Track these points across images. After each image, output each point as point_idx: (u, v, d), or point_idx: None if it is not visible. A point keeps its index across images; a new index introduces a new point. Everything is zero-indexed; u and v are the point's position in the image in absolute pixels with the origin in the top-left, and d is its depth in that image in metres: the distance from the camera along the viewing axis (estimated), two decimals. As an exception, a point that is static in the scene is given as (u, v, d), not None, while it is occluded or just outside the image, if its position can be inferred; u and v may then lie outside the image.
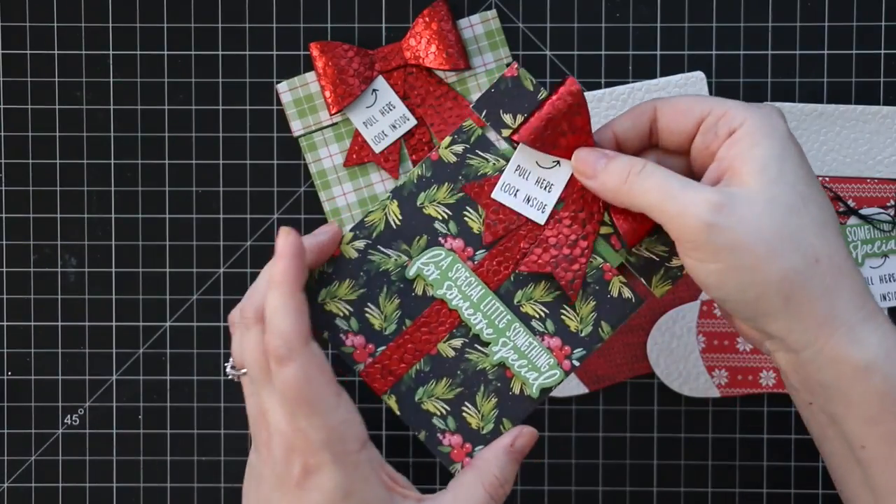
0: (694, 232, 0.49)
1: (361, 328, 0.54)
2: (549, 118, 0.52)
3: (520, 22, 0.70)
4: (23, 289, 0.71)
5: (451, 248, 0.54)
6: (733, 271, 0.49)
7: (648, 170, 0.50)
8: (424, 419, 0.54)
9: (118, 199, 0.71)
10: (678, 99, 0.53)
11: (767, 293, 0.49)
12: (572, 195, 0.54)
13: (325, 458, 0.50)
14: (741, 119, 0.51)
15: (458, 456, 0.54)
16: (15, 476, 0.72)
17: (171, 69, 0.71)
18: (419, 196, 0.54)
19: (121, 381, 0.71)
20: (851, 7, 0.70)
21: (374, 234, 0.54)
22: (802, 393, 0.52)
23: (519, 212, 0.54)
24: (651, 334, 0.70)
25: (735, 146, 0.50)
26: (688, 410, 0.71)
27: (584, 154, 0.52)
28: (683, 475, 0.71)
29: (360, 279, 0.54)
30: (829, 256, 0.49)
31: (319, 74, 0.69)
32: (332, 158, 0.70)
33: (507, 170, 0.54)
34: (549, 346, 0.54)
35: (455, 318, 0.54)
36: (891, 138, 0.69)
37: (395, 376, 0.54)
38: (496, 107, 0.54)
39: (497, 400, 0.54)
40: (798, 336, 0.49)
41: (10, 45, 0.71)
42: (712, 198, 0.48)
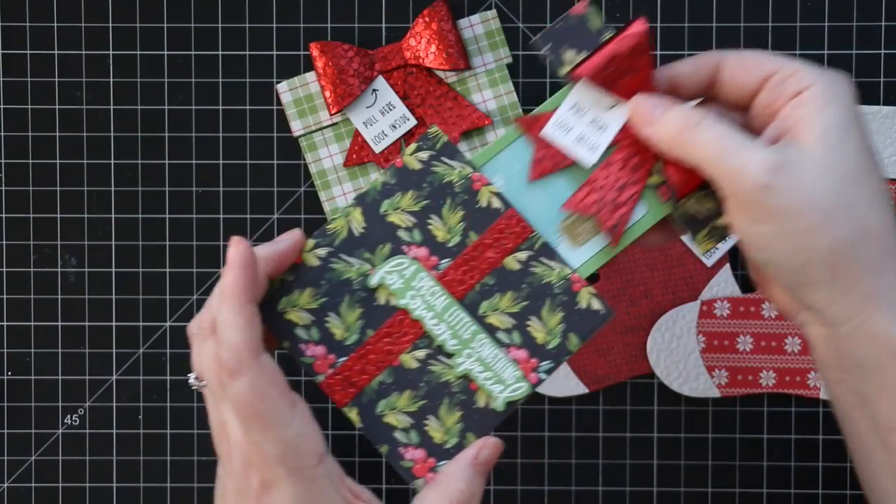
0: (748, 191, 0.48)
1: (322, 338, 0.52)
2: (613, 56, 0.50)
3: (520, 22, 0.70)
4: (23, 289, 0.71)
5: (415, 256, 0.52)
6: (783, 235, 0.48)
7: (706, 123, 0.49)
8: (386, 433, 0.52)
9: (118, 199, 0.71)
10: (746, 53, 0.52)
11: (814, 261, 0.48)
12: (626, 140, 0.52)
13: (280, 472, 0.48)
14: (810, 81, 0.49)
15: (420, 471, 0.52)
16: (15, 476, 0.72)
17: (171, 69, 0.71)
18: (383, 203, 0.53)
19: (121, 381, 0.71)
20: (851, 7, 0.70)
21: (337, 242, 0.53)
22: (832, 370, 0.51)
23: (569, 150, 0.52)
24: (651, 334, 0.70)
25: (800, 108, 0.49)
26: (688, 410, 0.71)
27: (642, 101, 0.51)
28: (683, 475, 0.71)
29: (321, 288, 0.52)
30: (881, 231, 0.48)
31: (319, 74, 0.69)
32: (332, 158, 0.70)
33: (563, 106, 0.52)
34: (516, 359, 0.52)
35: (418, 328, 0.52)
36: (891, 138, 0.69)
37: (357, 388, 0.52)
38: (559, 42, 0.52)
39: (461, 413, 0.52)
40: (839, 309, 0.48)
41: (10, 45, 0.71)
42: (770, 158, 0.47)
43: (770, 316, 0.70)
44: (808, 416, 0.70)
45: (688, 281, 0.70)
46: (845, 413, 0.52)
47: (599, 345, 0.70)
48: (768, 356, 0.70)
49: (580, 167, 0.53)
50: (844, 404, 0.51)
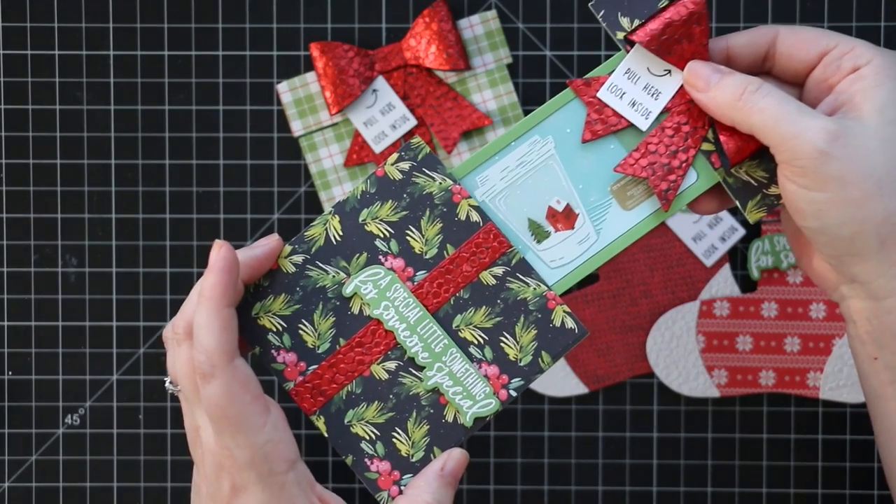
0: (806, 157, 0.48)
1: (294, 345, 0.52)
2: (669, 23, 0.51)
3: (520, 22, 0.70)
4: (23, 289, 0.71)
5: (391, 267, 0.52)
6: (837, 203, 0.48)
7: (765, 89, 0.50)
8: (353, 443, 0.52)
9: (118, 199, 0.71)
10: (803, 28, 0.53)
11: (865, 231, 0.48)
12: (679, 106, 0.52)
13: (250, 477, 0.48)
14: (868, 57, 0.50)
15: (385, 483, 0.52)
16: (15, 476, 0.72)
17: (171, 69, 0.71)
18: (362, 212, 0.52)
19: (121, 381, 0.72)
20: (851, 7, 0.70)
21: (314, 249, 0.52)
22: (869, 346, 0.51)
23: (622, 114, 0.53)
24: (651, 334, 0.70)
25: (858, 82, 0.50)
26: (687, 410, 0.71)
27: (698, 66, 0.51)
28: (683, 475, 0.71)
29: (295, 294, 0.52)
30: None
31: (319, 75, 0.69)
32: (332, 158, 0.70)
33: (617, 71, 0.53)
34: (486, 374, 0.52)
35: (391, 339, 0.52)
36: (890, 138, 0.69)
37: (326, 397, 0.52)
38: (615, 8, 0.52)
39: (429, 427, 0.52)
40: (885, 282, 0.49)
41: (10, 45, 0.71)
42: (829, 126, 0.48)
43: (770, 316, 0.70)
44: (807, 416, 0.71)
45: (688, 281, 0.70)
46: (877, 391, 0.52)
47: (599, 345, 0.70)
48: (768, 356, 0.70)
49: (633, 132, 0.53)
50: (877, 382, 0.51)
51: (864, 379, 0.53)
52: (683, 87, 0.52)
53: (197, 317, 0.49)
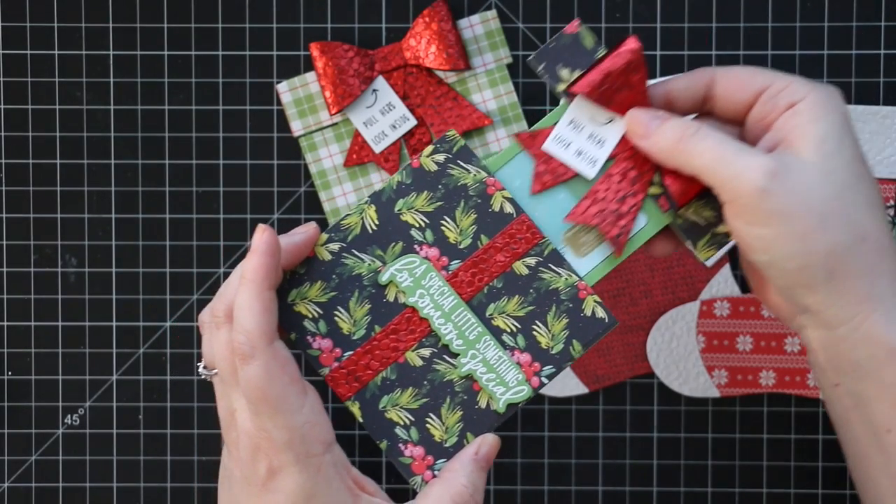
0: (747, 196, 0.49)
1: (330, 331, 0.53)
2: (608, 73, 0.52)
3: (520, 22, 0.70)
4: (23, 289, 0.71)
5: (426, 256, 0.53)
6: (782, 238, 0.49)
7: (703, 132, 0.50)
8: (387, 428, 0.53)
9: (118, 199, 0.71)
10: (739, 68, 0.53)
11: (812, 264, 0.49)
12: (624, 152, 0.53)
13: (287, 459, 0.49)
14: (804, 93, 0.51)
15: (418, 468, 0.53)
16: (15, 476, 0.72)
17: (171, 69, 0.71)
18: (397, 202, 0.54)
19: (121, 381, 0.72)
20: (851, 7, 0.70)
21: (350, 238, 0.53)
22: (829, 373, 0.51)
23: (569, 164, 0.54)
24: (651, 334, 0.70)
25: (795, 118, 0.50)
26: (688, 410, 0.71)
27: (638, 114, 0.52)
28: (683, 475, 0.71)
29: (331, 282, 0.53)
30: (876, 236, 0.49)
31: (319, 74, 0.69)
32: (332, 158, 0.70)
33: (561, 122, 0.54)
34: (519, 362, 0.53)
35: (425, 327, 0.53)
36: (891, 138, 0.69)
37: (361, 383, 0.53)
38: (554, 61, 0.53)
39: (462, 413, 0.53)
40: (836, 311, 0.49)
41: (10, 45, 0.71)
42: (768, 163, 0.49)
43: (770, 316, 0.70)
44: (807, 416, 0.70)
45: (688, 281, 0.70)
46: (842, 416, 0.52)
47: (599, 345, 0.70)
48: (768, 356, 0.70)
49: (581, 180, 0.54)
50: (841, 408, 0.52)
51: (829, 405, 0.53)
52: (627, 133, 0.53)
53: (238, 298, 0.50)
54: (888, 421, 0.50)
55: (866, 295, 0.49)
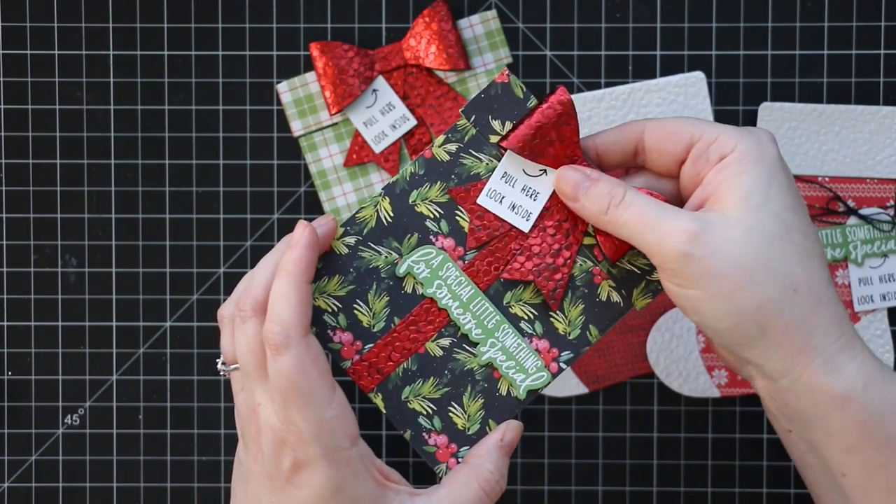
0: (671, 261, 0.49)
1: (350, 325, 0.54)
2: (538, 126, 0.52)
3: (520, 22, 0.70)
4: (23, 289, 0.71)
5: (442, 246, 0.54)
6: (710, 299, 0.49)
7: (628, 199, 0.50)
8: (410, 418, 0.54)
9: (118, 199, 0.71)
10: (667, 121, 0.53)
11: (743, 322, 0.49)
12: (557, 204, 0.53)
13: (315, 452, 0.50)
14: (732, 144, 0.50)
15: (443, 456, 0.54)
16: (15, 476, 0.72)
17: (171, 69, 0.71)
18: (411, 194, 0.54)
19: (121, 381, 0.71)
20: (851, 7, 0.70)
21: (366, 231, 0.54)
22: (781, 420, 0.52)
23: (504, 218, 0.54)
24: (651, 334, 0.70)
25: (722, 172, 0.50)
26: (688, 410, 0.71)
27: (567, 174, 0.52)
28: (683, 475, 0.71)
29: (349, 275, 0.54)
30: (809, 286, 0.49)
31: (319, 74, 0.69)
32: (332, 158, 0.70)
33: (494, 177, 0.54)
34: (537, 348, 0.54)
35: (444, 317, 0.54)
36: (891, 138, 0.69)
37: (383, 374, 0.54)
38: (485, 112, 0.53)
39: (484, 401, 0.54)
40: (775, 364, 0.49)
41: (10, 45, 0.71)
42: (689, 227, 0.48)
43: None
44: (807, 416, 0.71)
45: (688, 281, 0.70)
46: (801, 461, 0.53)
47: (599, 345, 0.70)
48: (768, 356, 0.70)
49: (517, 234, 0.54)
50: (798, 453, 0.52)
51: (787, 448, 0.53)
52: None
53: (276, 289, 0.50)
54: (841, 466, 0.50)
55: (803, 346, 0.49)
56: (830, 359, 0.49)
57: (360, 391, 0.58)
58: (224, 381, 0.71)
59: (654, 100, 0.69)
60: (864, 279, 0.69)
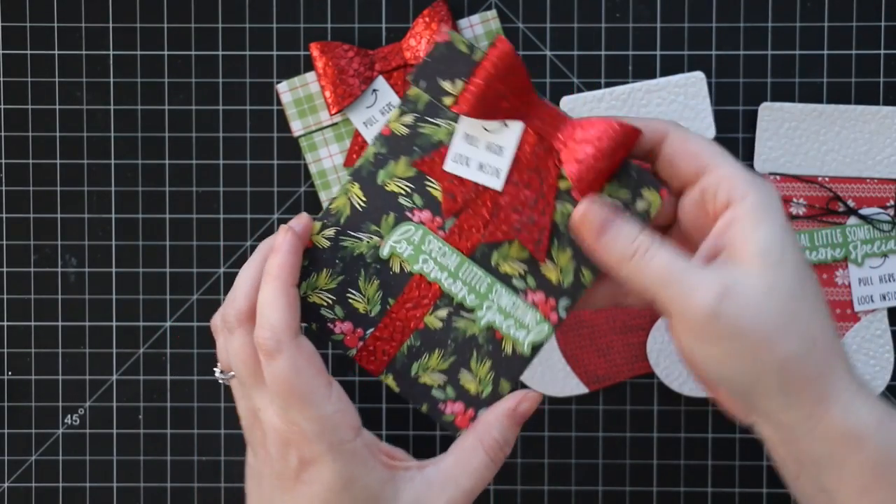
0: (696, 318, 0.48)
1: (347, 314, 0.54)
2: (485, 85, 0.51)
3: (520, 22, 0.70)
4: (23, 289, 0.71)
5: (420, 220, 0.53)
6: (733, 355, 0.48)
7: (653, 250, 0.49)
8: (424, 392, 0.54)
9: (118, 199, 0.71)
10: (691, 138, 0.52)
11: (764, 378, 0.48)
12: (525, 155, 0.52)
13: (321, 448, 0.50)
14: (742, 193, 0.50)
15: (462, 422, 0.54)
16: (15, 476, 0.72)
17: (171, 69, 0.71)
18: (378, 174, 0.53)
19: (121, 381, 0.71)
20: (851, 7, 0.70)
21: (342, 220, 0.54)
22: (790, 465, 0.51)
23: (474, 181, 0.53)
24: (651, 334, 0.70)
25: (736, 225, 0.49)
26: (688, 410, 0.71)
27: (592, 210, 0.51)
28: (683, 475, 0.71)
29: (336, 267, 0.54)
30: (825, 338, 0.49)
31: (319, 74, 0.69)
32: (332, 158, 0.70)
33: (455, 140, 0.53)
34: (534, 302, 0.53)
35: (436, 289, 0.54)
36: (891, 138, 0.69)
37: (389, 355, 0.54)
38: (434, 75, 0.52)
39: (491, 362, 0.54)
40: (792, 414, 0.49)
41: (10, 45, 0.71)
42: (716, 284, 0.48)
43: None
44: (807, 416, 0.70)
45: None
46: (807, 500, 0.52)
47: (599, 345, 0.70)
48: (768, 356, 0.70)
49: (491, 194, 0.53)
50: (805, 495, 0.52)
51: (794, 490, 0.53)
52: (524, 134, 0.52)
53: (263, 295, 0.51)
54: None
55: (820, 396, 0.48)
56: (847, 404, 0.49)
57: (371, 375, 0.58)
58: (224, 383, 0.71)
59: (654, 100, 0.69)
60: (864, 279, 0.69)
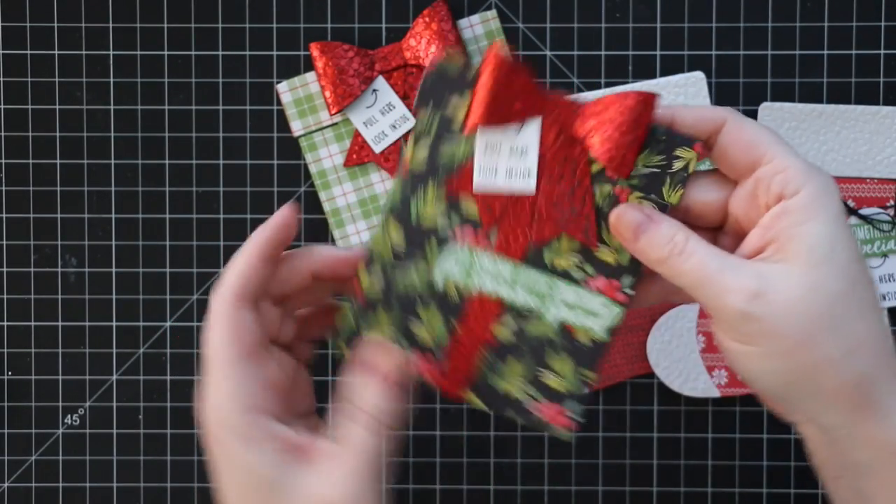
0: (729, 318, 0.47)
1: (418, 347, 0.53)
2: (490, 98, 0.50)
3: (520, 22, 0.70)
4: (23, 289, 0.71)
5: (464, 239, 0.53)
6: (767, 356, 0.47)
7: (690, 248, 0.49)
8: (510, 401, 0.53)
9: (118, 199, 0.71)
10: (748, 126, 0.50)
11: (798, 380, 0.47)
12: (550, 149, 0.52)
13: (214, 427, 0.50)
14: (798, 185, 0.48)
15: (556, 420, 0.53)
16: (15, 476, 0.72)
17: (171, 69, 0.71)
18: (412, 204, 0.53)
19: (121, 381, 0.71)
20: (851, 7, 0.70)
21: (387, 258, 0.53)
22: (830, 467, 0.50)
23: (507, 188, 0.52)
24: (651, 334, 0.70)
25: (786, 217, 0.48)
26: (688, 410, 0.71)
27: (628, 216, 0.50)
28: (683, 475, 0.71)
29: (393, 304, 0.53)
30: (871, 341, 0.48)
31: (319, 74, 0.69)
32: (332, 158, 0.70)
33: (477, 154, 0.52)
34: (598, 288, 0.52)
35: (498, 301, 0.53)
36: (891, 138, 0.69)
37: (467, 377, 0.53)
38: (440, 94, 0.52)
39: (571, 357, 0.53)
40: (829, 418, 0.48)
41: (10, 45, 0.71)
42: (749, 284, 0.47)
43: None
44: (807, 416, 0.71)
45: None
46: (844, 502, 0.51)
47: (599, 345, 0.70)
48: (768, 356, 0.70)
49: None
50: (842, 500, 0.51)
51: (830, 492, 0.52)
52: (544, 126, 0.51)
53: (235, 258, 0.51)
54: None
55: (860, 402, 0.47)
56: (890, 412, 0.47)
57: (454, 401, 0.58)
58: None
59: (654, 100, 0.69)
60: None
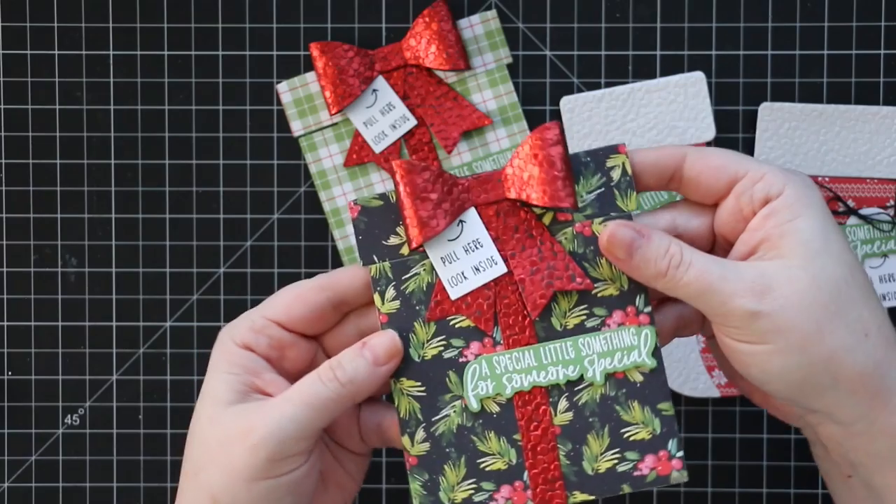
0: (738, 320, 0.47)
1: (496, 480, 0.52)
2: (413, 210, 0.51)
3: (520, 22, 0.70)
4: (23, 289, 0.71)
5: (474, 353, 0.52)
6: (780, 353, 0.47)
7: (687, 259, 0.48)
8: (610, 478, 0.52)
9: (118, 199, 0.71)
10: (711, 153, 0.51)
11: (815, 373, 0.47)
12: (497, 228, 0.52)
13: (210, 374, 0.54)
14: (780, 186, 0.48)
15: (664, 469, 0.52)
16: (15, 476, 0.72)
17: (171, 69, 0.71)
18: (413, 350, 0.52)
19: (121, 381, 0.71)
20: (851, 7, 0.70)
21: (420, 414, 0.52)
22: (843, 466, 0.50)
23: (482, 284, 0.52)
24: (651, 334, 0.70)
25: (773, 217, 0.48)
26: (688, 410, 0.71)
27: (618, 232, 0.49)
28: (683, 475, 0.71)
29: (452, 454, 0.52)
30: (879, 327, 0.47)
31: (319, 74, 0.69)
32: (332, 158, 0.70)
33: (439, 271, 0.52)
34: (620, 322, 0.52)
35: (540, 392, 0.52)
36: (891, 138, 0.69)
37: (555, 479, 0.52)
38: (377, 241, 0.52)
39: (637, 400, 0.52)
40: (848, 410, 0.48)
41: (10, 45, 0.71)
42: (753, 284, 0.47)
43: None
44: (807, 416, 0.70)
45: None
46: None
47: (599, 345, 0.70)
48: (768, 356, 0.70)
49: None
50: (851, 498, 0.51)
51: (837, 496, 0.52)
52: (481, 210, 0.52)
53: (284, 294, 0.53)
54: None
55: (878, 389, 0.47)
56: None
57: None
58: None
59: (654, 100, 0.69)
60: None
